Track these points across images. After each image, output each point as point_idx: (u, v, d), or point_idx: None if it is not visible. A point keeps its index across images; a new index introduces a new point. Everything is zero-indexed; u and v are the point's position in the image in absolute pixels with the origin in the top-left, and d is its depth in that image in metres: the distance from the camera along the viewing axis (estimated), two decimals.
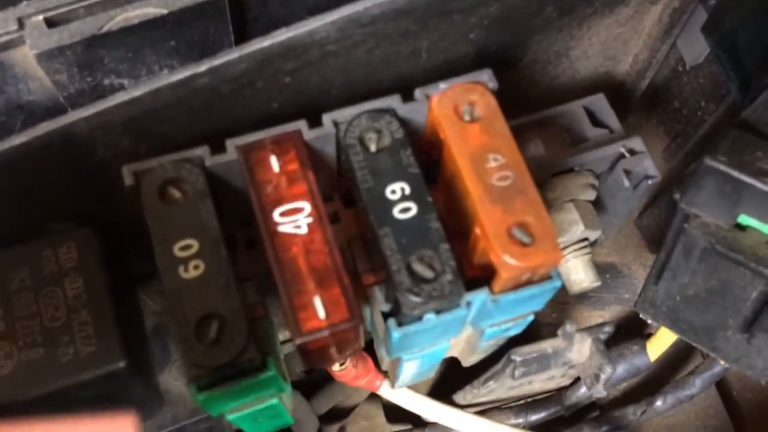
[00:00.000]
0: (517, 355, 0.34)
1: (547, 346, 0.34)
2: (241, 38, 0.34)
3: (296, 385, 0.42)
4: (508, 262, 0.26)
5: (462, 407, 0.40)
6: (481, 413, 0.40)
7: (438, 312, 0.27)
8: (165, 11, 0.31)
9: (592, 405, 0.42)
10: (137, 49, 0.32)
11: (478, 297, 0.28)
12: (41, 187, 0.29)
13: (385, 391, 0.38)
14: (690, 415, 0.41)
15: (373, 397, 0.44)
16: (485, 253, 0.27)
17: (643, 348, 0.38)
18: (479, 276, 0.28)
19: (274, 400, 0.30)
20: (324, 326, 0.25)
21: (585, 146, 0.35)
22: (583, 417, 0.41)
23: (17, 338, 0.27)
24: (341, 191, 0.33)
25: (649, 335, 0.39)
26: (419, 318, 0.27)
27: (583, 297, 0.45)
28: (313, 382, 0.45)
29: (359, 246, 0.31)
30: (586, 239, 0.37)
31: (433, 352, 0.32)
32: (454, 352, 0.38)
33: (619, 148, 0.34)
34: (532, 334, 0.38)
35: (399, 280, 0.26)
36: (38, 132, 0.27)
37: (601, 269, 0.44)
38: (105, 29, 0.31)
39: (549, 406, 0.40)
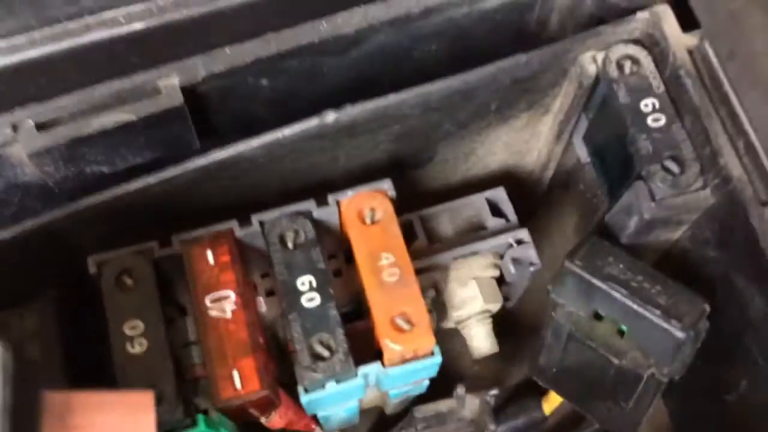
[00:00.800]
0: (419, 413, 0.40)
1: (443, 405, 0.40)
2: (204, 130, 0.40)
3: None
4: (390, 346, 0.33)
5: None
6: None
7: (338, 381, 0.34)
8: (134, 117, 0.38)
9: None
10: (113, 145, 0.39)
11: (372, 369, 0.34)
12: (20, 263, 0.36)
13: None
14: None
15: None
16: (377, 335, 0.34)
17: (539, 404, 0.45)
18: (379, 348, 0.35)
19: None
20: (240, 395, 0.32)
21: (482, 234, 0.41)
22: None
23: None
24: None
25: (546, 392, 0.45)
26: (322, 386, 0.34)
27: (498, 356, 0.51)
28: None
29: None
30: (488, 311, 0.43)
31: (345, 410, 0.38)
32: (374, 403, 0.45)
33: (509, 238, 0.40)
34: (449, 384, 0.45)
35: (301, 358, 0.33)
36: (21, 228, 0.34)
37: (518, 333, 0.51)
38: (85, 133, 0.38)
39: None
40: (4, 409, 0.19)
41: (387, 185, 0.36)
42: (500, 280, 0.43)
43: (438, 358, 0.35)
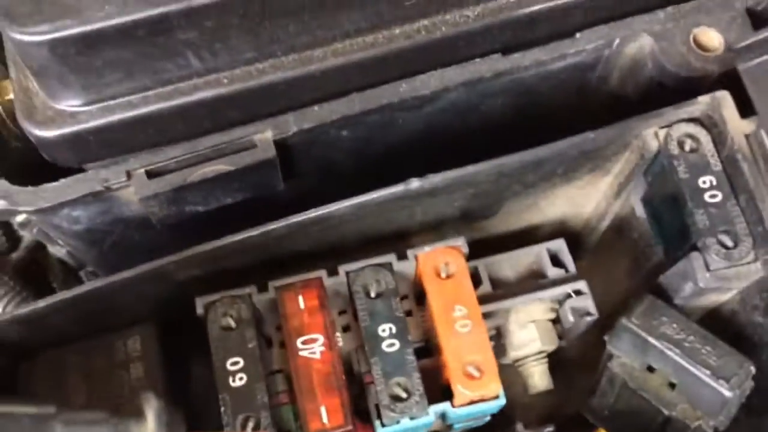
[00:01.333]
0: None
1: None
2: (287, 172, 0.44)
3: None
4: (461, 391, 0.37)
5: None
6: None
7: (411, 418, 0.38)
8: (232, 168, 0.42)
9: None
10: (211, 190, 0.43)
11: (442, 408, 0.38)
12: (129, 298, 0.41)
13: None
14: None
15: None
16: (447, 377, 0.38)
17: None
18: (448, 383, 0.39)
19: None
20: (326, 428, 0.36)
21: (542, 283, 0.45)
22: None
23: None
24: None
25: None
26: (397, 422, 0.38)
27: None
28: None
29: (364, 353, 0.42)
30: (544, 351, 0.47)
31: None
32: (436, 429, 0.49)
33: (567, 289, 0.44)
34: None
35: (381, 398, 0.37)
36: (138, 271, 0.38)
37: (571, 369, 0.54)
38: (189, 181, 0.42)
39: None
40: None
41: (461, 242, 0.40)
42: (556, 320, 0.47)
43: (502, 401, 0.39)
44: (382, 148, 0.44)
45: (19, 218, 0.41)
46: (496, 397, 0.38)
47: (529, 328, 0.46)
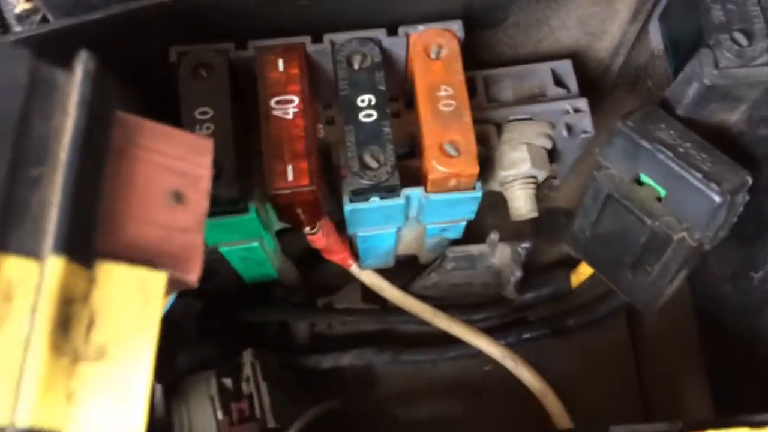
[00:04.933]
0: (450, 252, 0.42)
1: (474, 249, 0.42)
2: None
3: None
4: (435, 167, 0.35)
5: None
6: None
7: (382, 197, 0.36)
8: None
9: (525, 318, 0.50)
10: None
11: (414, 193, 0.37)
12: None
13: (355, 270, 0.47)
14: (599, 341, 0.49)
15: (356, 282, 0.52)
16: (425, 164, 0.36)
17: (567, 275, 0.46)
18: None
19: (255, 244, 0.40)
20: (290, 186, 0.34)
21: (541, 99, 0.42)
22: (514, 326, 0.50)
23: None
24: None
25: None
26: (366, 198, 0.36)
27: (542, 232, 0.53)
28: (309, 261, 0.55)
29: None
30: (534, 177, 0.45)
31: (381, 235, 0.41)
32: (410, 250, 0.47)
33: (566, 105, 0.41)
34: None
35: (351, 164, 0.35)
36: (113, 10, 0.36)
37: (559, 212, 0.52)
38: None
39: (488, 309, 0.49)
40: (82, 102, 0.22)
41: (457, 26, 0.38)
42: (551, 156, 0.45)
43: (479, 193, 0.37)
44: None
45: None
46: (473, 187, 0.36)
47: (521, 149, 0.43)
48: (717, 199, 0.34)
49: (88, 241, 0.21)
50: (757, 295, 0.39)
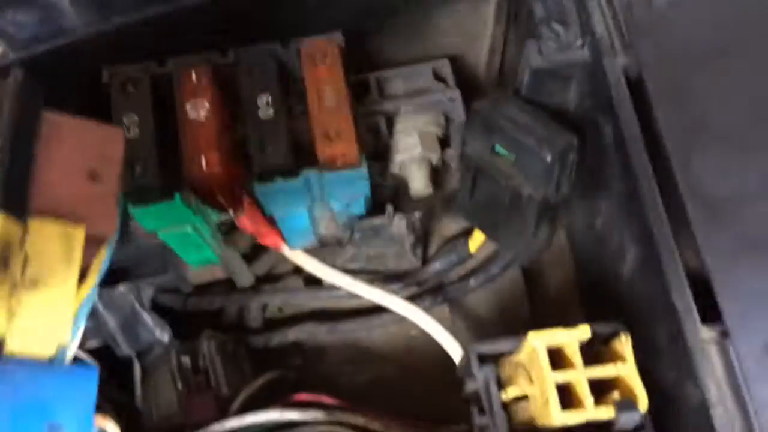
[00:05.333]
0: (358, 225, 0.50)
1: (376, 220, 0.50)
2: None
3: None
4: (322, 148, 0.43)
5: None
6: None
7: (284, 177, 0.44)
8: None
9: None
10: None
11: (311, 173, 0.44)
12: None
13: (286, 251, 0.55)
14: (496, 294, 0.57)
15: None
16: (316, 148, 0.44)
17: (466, 242, 0.54)
18: None
19: (188, 229, 0.47)
20: (204, 173, 0.42)
21: (425, 93, 0.50)
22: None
23: None
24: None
25: None
26: (271, 180, 0.44)
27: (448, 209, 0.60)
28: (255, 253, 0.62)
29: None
30: (429, 160, 0.52)
31: (295, 215, 0.49)
32: (330, 230, 0.55)
33: (442, 96, 0.50)
34: None
35: (254, 152, 0.43)
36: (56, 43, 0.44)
37: None
38: None
39: (405, 279, 0.57)
40: (13, 98, 0.29)
41: (337, 37, 0.46)
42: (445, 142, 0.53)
43: (363, 171, 0.45)
44: None
45: None
46: (356, 160, 0.44)
47: (413, 134, 0.51)
48: (548, 158, 0.41)
49: (22, 201, 0.29)
50: (599, 235, 0.47)
